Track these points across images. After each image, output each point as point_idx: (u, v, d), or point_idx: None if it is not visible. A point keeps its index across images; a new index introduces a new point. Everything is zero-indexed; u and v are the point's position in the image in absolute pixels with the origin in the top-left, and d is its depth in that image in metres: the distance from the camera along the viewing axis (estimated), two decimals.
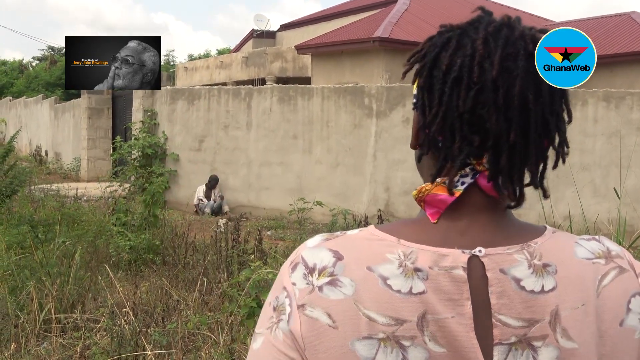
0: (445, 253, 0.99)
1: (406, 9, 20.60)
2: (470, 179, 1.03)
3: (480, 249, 0.99)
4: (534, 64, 1.00)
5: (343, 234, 1.07)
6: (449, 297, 0.97)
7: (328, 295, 0.99)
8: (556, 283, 0.98)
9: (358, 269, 1.00)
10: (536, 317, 0.97)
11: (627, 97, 11.27)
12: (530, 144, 1.00)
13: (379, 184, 12.49)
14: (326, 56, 20.17)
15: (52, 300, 5.50)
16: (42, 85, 46.39)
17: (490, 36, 1.01)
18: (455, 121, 1.00)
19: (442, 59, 1.02)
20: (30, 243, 6.98)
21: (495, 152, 1.00)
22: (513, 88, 0.98)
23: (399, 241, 1.02)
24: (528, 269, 0.99)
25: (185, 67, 31.49)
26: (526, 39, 1.01)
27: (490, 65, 0.98)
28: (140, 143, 14.47)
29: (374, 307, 0.97)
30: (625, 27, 20.24)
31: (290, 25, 31.00)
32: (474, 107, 0.99)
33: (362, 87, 12.97)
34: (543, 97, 1.00)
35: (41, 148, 26.09)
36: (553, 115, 1.02)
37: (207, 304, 6.03)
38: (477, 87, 0.98)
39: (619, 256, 1.06)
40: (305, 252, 1.06)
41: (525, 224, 1.08)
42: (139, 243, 7.88)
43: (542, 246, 1.02)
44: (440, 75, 1.02)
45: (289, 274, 1.04)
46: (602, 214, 8.14)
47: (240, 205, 13.84)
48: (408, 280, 0.97)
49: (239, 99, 14.10)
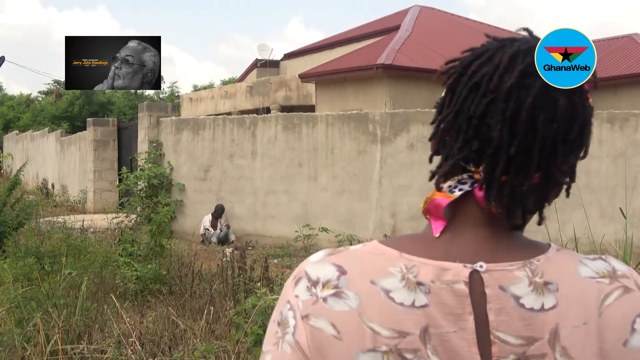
0: (447, 267, 0.99)
1: (408, 36, 20.69)
2: (468, 187, 1.03)
3: (482, 264, 0.99)
4: (553, 89, 0.99)
5: (346, 249, 1.08)
6: (451, 311, 0.97)
7: (333, 306, 0.99)
8: (557, 301, 0.98)
9: (362, 283, 1.00)
10: (535, 336, 0.96)
11: (631, 118, 11.27)
12: (531, 164, 0.99)
13: (385, 210, 12.47)
14: (330, 84, 20.25)
15: (58, 331, 5.48)
16: (48, 119, 46.60)
17: (520, 52, 1.01)
18: (463, 123, 1.01)
19: (472, 66, 1.04)
20: (36, 275, 6.97)
21: (493, 161, 1.00)
22: (524, 103, 0.98)
23: (401, 255, 1.02)
24: (528, 287, 0.98)
25: (190, 98, 31.61)
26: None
27: (509, 78, 0.99)
28: (146, 174, 14.50)
29: (377, 319, 0.97)
30: (628, 49, 20.31)
31: (293, 54, 31.15)
32: (484, 114, 1.00)
33: (366, 114, 13.01)
34: (557, 123, 0.99)
35: (47, 181, 26.18)
36: (566, 144, 1.01)
37: (213, 333, 6.00)
38: (492, 96, 0.99)
39: (625, 276, 1.04)
40: (308, 267, 1.06)
41: (530, 240, 1.07)
42: (145, 273, 7.86)
43: (545, 264, 1.01)
44: (465, 80, 1.04)
45: (292, 288, 1.05)
46: (609, 235, 8.09)
47: (246, 234, 13.83)
48: (411, 293, 0.98)
49: (244, 128, 14.15)
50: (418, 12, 24.02)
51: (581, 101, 1.02)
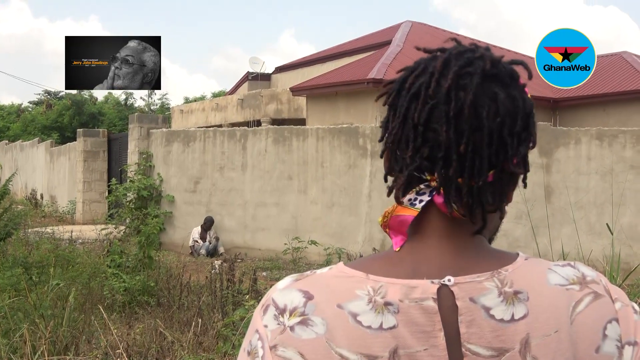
0: (414, 285, 0.99)
1: (399, 51, 20.77)
2: (427, 197, 1.03)
3: (450, 278, 0.99)
4: (491, 85, 1.01)
5: (313, 273, 1.07)
6: (421, 330, 0.97)
7: (300, 335, 0.99)
8: (528, 311, 0.98)
9: (328, 308, 1.00)
10: (506, 347, 0.96)
11: (619, 135, 11.34)
12: (483, 160, 1.00)
13: (374, 224, 12.47)
14: (321, 97, 20.29)
15: (45, 342, 5.45)
16: (38, 129, 46.48)
17: (452, 57, 1.03)
18: (410, 132, 1.02)
19: (409, 80, 1.05)
20: (24, 285, 6.94)
21: (446, 164, 1.00)
22: (465, 101, 0.98)
23: (367, 276, 1.02)
24: (498, 297, 0.98)
25: (181, 110, 31.62)
26: (485, 59, 1.02)
27: (445, 82, 1.00)
28: (135, 185, 14.47)
29: (345, 344, 0.97)
30: (617, 67, 20.46)
31: (285, 68, 31.21)
32: (428, 120, 1.00)
33: (356, 128, 13.04)
34: (501, 117, 0.99)
35: (36, 191, 26.07)
36: (513, 137, 1.01)
37: (201, 345, 5.98)
38: (433, 101, 1.00)
39: (594, 282, 1.05)
40: (275, 294, 1.06)
41: (497, 250, 1.07)
42: (133, 285, 7.84)
43: (513, 273, 1.01)
44: (404, 94, 1.04)
45: (260, 317, 1.04)
46: (597, 251, 8.13)
47: (235, 247, 13.81)
48: (378, 316, 0.97)
49: (234, 141, 14.16)
50: (409, 28, 24.13)
51: (520, 94, 1.03)
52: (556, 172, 11.46)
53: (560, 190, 11.25)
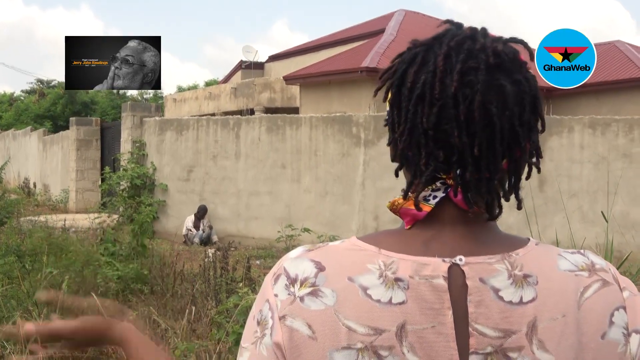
0: (426, 262, 0.99)
1: (393, 40, 20.74)
2: (442, 193, 1.03)
3: (461, 258, 0.99)
4: (496, 76, 0.99)
5: (325, 245, 1.08)
6: (429, 307, 0.97)
7: (309, 305, 0.99)
8: (536, 294, 0.98)
9: (339, 280, 1.00)
10: (513, 328, 0.96)
11: (612, 123, 11.37)
12: (497, 157, 1.00)
13: (367, 213, 12.49)
14: (314, 86, 20.27)
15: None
16: (31, 118, 46.30)
17: (452, 50, 1.01)
18: (421, 138, 1.01)
19: (409, 75, 1.03)
20: (17, 273, 6.93)
21: (461, 166, 1.00)
22: (474, 102, 0.97)
23: (379, 251, 1.02)
24: (508, 280, 0.98)
25: (174, 99, 31.53)
26: (487, 51, 1.00)
27: (451, 81, 0.99)
28: (128, 174, 14.44)
29: (353, 317, 0.97)
30: (611, 56, 20.47)
31: (278, 57, 31.14)
32: (438, 123, 0.99)
33: (350, 117, 13.04)
34: (509, 109, 0.99)
35: (29, 180, 25.99)
36: (523, 125, 1.01)
37: (195, 332, 5.99)
38: (439, 103, 0.99)
39: (603, 270, 1.05)
40: (287, 263, 1.06)
41: (509, 235, 1.07)
42: (127, 273, 7.82)
43: (524, 257, 1.01)
44: (406, 93, 1.03)
45: (271, 286, 1.05)
46: (590, 239, 8.14)
47: (229, 235, 13.80)
48: (388, 291, 0.97)
49: (228, 129, 14.13)
50: (403, 17, 24.11)
51: (524, 76, 1.03)
52: (549, 161, 11.48)
53: (553, 178, 11.27)
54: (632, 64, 19.59)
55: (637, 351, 1.02)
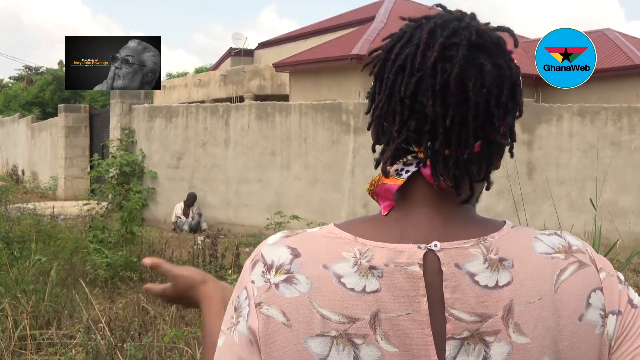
0: (401, 249, 0.99)
1: (383, 27, 20.71)
2: (414, 168, 1.04)
3: (436, 244, 0.99)
4: (477, 55, 1.00)
5: (304, 232, 1.09)
6: (404, 294, 0.97)
7: (284, 293, 1.00)
8: (512, 277, 0.98)
9: (314, 267, 1.01)
10: (489, 312, 0.97)
11: (601, 111, 11.40)
12: (469, 132, 1.00)
13: (357, 200, 12.50)
14: (304, 74, 20.23)
15: (27, 317, 5.45)
16: (20, 105, 46.08)
17: (438, 27, 1.02)
18: (397, 105, 1.02)
19: (394, 50, 1.05)
20: (5, 260, 6.91)
21: (432, 136, 1.01)
22: (451, 74, 0.98)
23: (355, 239, 1.02)
24: (483, 264, 0.99)
25: (163, 86, 31.40)
26: (471, 29, 1.01)
27: (431, 53, 1.00)
28: (117, 161, 14.40)
29: (327, 305, 0.97)
30: (600, 44, 20.49)
31: (268, 44, 31.07)
32: (415, 93, 1.00)
33: (339, 104, 13.02)
34: (487, 88, 1.00)
35: (18, 167, 25.90)
36: (500, 107, 1.01)
37: (183, 319, 6.00)
38: (419, 74, 1.00)
39: (580, 251, 1.06)
40: (264, 249, 1.07)
41: (484, 218, 1.08)
42: (116, 260, 7.82)
43: (500, 240, 1.02)
44: (390, 65, 1.04)
45: (249, 272, 1.06)
46: (578, 227, 8.18)
47: (218, 223, 13.80)
48: (362, 279, 0.98)
49: (217, 116, 14.10)
50: (393, 4, 24.05)
51: (507, 63, 1.03)
52: (538, 149, 11.51)
53: (542, 166, 11.30)
54: (621, 52, 19.64)
55: (614, 332, 1.02)
